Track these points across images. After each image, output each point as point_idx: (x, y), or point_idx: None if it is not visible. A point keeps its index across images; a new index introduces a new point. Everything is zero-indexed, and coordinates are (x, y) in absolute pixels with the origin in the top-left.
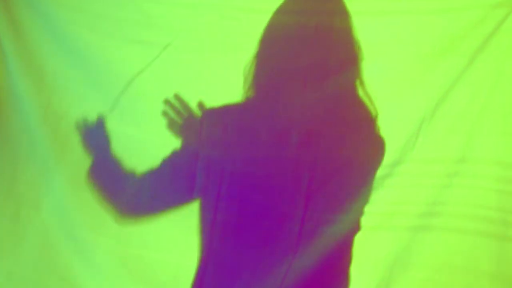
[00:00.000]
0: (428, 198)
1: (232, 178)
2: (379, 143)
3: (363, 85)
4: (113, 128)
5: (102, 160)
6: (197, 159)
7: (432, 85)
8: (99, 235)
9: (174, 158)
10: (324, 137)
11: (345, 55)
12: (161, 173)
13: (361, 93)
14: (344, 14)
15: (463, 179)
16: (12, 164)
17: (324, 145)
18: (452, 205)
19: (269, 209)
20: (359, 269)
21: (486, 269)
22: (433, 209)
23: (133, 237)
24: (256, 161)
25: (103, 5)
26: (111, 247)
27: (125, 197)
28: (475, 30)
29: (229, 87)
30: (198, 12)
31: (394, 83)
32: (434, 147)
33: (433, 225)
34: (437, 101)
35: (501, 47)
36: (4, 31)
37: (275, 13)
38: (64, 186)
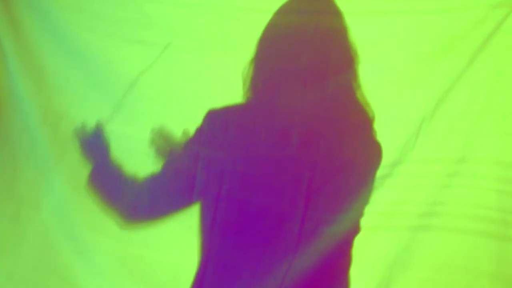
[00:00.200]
0: (428, 198)
1: (232, 178)
2: (378, 143)
3: (360, 86)
4: (112, 128)
5: (102, 167)
6: (197, 159)
7: (432, 85)
8: (99, 235)
9: (174, 161)
10: (324, 137)
11: (346, 56)
12: (161, 176)
13: (360, 94)
14: (344, 14)
15: (463, 179)
16: (12, 164)
17: (324, 145)
18: (452, 205)
19: (269, 209)
20: (359, 269)
21: (486, 269)
22: (433, 209)
23: (133, 237)
24: (256, 161)
25: (103, 5)
26: (111, 247)
27: (127, 202)
28: (475, 30)
29: (229, 87)
30: (198, 12)
31: (394, 83)
32: (434, 147)
33: (433, 225)
34: (437, 101)
35: (501, 47)
36: (4, 31)
37: (275, 13)
38: (64, 186)
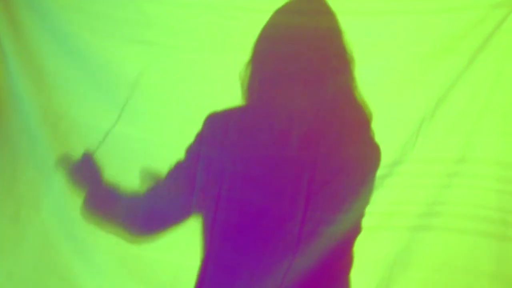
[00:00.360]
0: (428, 198)
1: (232, 179)
2: (377, 144)
3: (360, 87)
4: (112, 129)
5: (96, 192)
6: (197, 159)
7: (432, 85)
8: (99, 235)
9: (176, 169)
10: (324, 137)
11: (345, 56)
12: (163, 184)
13: (359, 94)
14: (344, 14)
15: (463, 179)
16: (12, 164)
17: (324, 145)
18: (452, 205)
19: (269, 209)
20: (359, 269)
21: (486, 269)
22: (433, 209)
23: None
24: (256, 161)
25: (103, 5)
26: (111, 247)
27: (131, 219)
28: (475, 30)
29: (229, 87)
30: (198, 12)
31: (394, 83)
32: (434, 147)
33: (433, 225)
34: (437, 101)
35: (501, 47)
36: (4, 31)
37: (275, 13)
38: (64, 186)
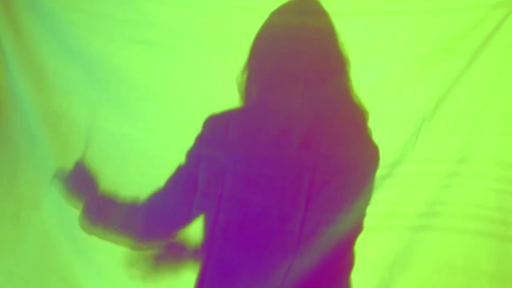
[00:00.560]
0: (428, 198)
1: (233, 179)
2: (376, 143)
3: (359, 87)
4: (112, 129)
5: (93, 202)
6: (199, 160)
7: (432, 85)
8: None
9: (177, 173)
10: (324, 138)
11: (345, 56)
12: (164, 189)
13: (359, 95)
14: (344, 14)
15: (463, 179)
16: (12, 164)
17: (324, 145)
18: (452, 205)
19: (269, 209)
20: (359, 269)
21: (486, 269)
22: (433, 209)
23: None
24: (257, 162)
25: (103, 5)
26: (111, 247)
27: (132, 226)
28: (475, 30)
29: (229, 87)
30: (198, 12)
31: (394, 83)
32: (434, 147)
33: (433, 225)
34: (437, 101)
35: (501, 47)
36: (4, 31)
37: (275, 13)
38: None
